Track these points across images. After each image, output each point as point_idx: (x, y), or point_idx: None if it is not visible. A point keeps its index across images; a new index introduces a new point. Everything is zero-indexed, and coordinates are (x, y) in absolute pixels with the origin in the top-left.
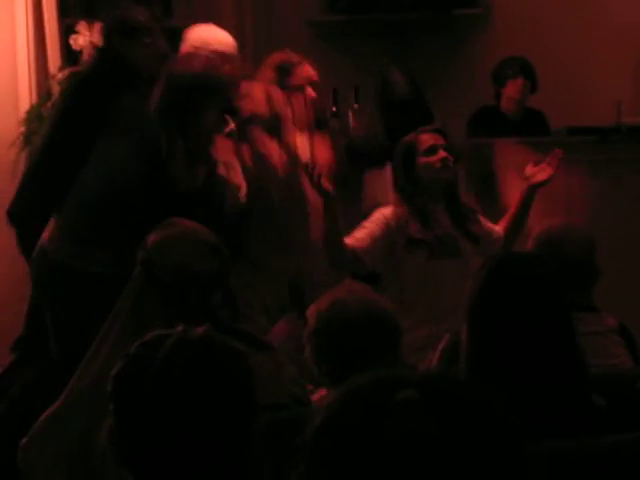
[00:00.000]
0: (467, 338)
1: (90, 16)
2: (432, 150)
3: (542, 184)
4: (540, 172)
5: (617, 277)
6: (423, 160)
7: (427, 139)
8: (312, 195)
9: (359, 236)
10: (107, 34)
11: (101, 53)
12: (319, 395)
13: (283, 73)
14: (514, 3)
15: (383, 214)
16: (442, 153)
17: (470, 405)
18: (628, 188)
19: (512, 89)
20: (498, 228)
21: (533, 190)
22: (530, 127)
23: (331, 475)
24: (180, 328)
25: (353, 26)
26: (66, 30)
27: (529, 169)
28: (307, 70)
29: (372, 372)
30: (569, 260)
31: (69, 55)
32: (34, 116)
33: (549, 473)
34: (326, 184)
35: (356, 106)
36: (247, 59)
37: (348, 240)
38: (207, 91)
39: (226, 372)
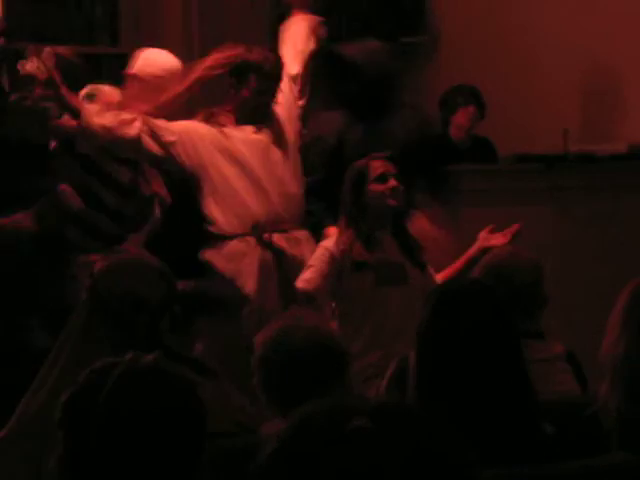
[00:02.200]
0: (416, 365)
1: (39, 41)
2: (382, 178)
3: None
4: (494, 238)
5: (564, 304)
6: (373, 187)
7: (378, 166)
8: None
9: (308, 277)
10: None
11: None
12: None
13: None
14: (460, 31)
15: (326, 248)
16: (392, 182)
17: (422, 434)
18: (575, 216)
19: (463, 117)
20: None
21: (483, 252)
22: (478, 155)
23: None
24: (129, 356)
25: None
26: (15, 55)
27: (483, 234)
28: None
29: (323, 400)
30: (516, 287)
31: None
32: None
33: None
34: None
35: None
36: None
37: (298, 284)
38: None
39: (176, 401)
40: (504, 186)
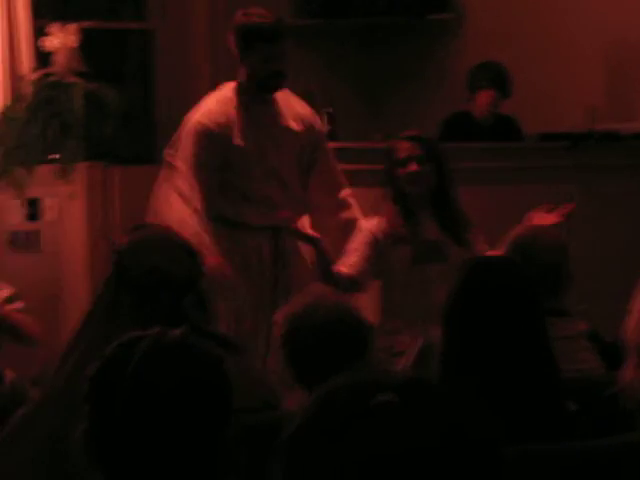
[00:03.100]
0: (442, 341)
1: (62, 18)
2: (404, 162)
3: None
4: (548, 217)
5: (588, 283)
6: (396, 171)
7: (404, 148)
8: None
9: (353, 262)
10: None
11: None
12: (293, 399)
13: None
14: (486, 9)
15: (369, 230)
16: (412, 167)
17: (448, 408)
18: (599, 194)
19: (483, 100)
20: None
21: None
22: (502, 132)
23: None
24: (156, 330)
25: (327, 30)
26: (38, 32)
27: (538, 212)
28: None
29: (347, 375)
30: (541, 265)
31: (41, 57)
32: (5, 117)
33: (522, 476)
34: (308, 231)
35: (330, 110)
36: (220, 64)
37: (344, 268)
38: None
39: (203, 375)
40: (529, 164)
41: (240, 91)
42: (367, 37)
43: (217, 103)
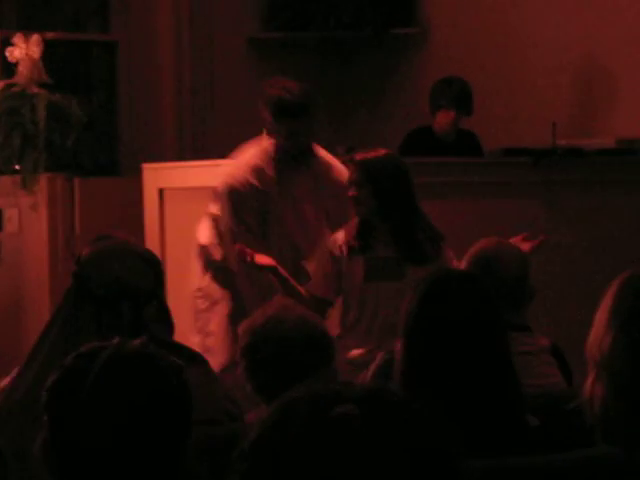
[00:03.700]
0: (402, 355)
1: (26, 28)
2: (349, 185)
3: None
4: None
5: (551, 298)
6: None
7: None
8: None
9: (315, 280)
10: None
11: None
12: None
13: None
14: (451, 23)
15: (326, 245)
16: (350, 191)
17: (407, 420)
18: (562, 210)
19: (443, 119)
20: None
21: None
22: (464, 148)
23: None
24: (116, 340)
25: (292, 43)
26: (2, 42)
27: (516, 240)
28: None
29: (307, 387)
30: (503, 278)
31: (5, 67)
32: None
33: None
34: (262, 260)
35: None
36: (185, 76)
37: (309, 288)
38: None
39: (163, 385)
40: (492, 179)
41: (272, 157)
42: (332, 51)
43: (253, 162)
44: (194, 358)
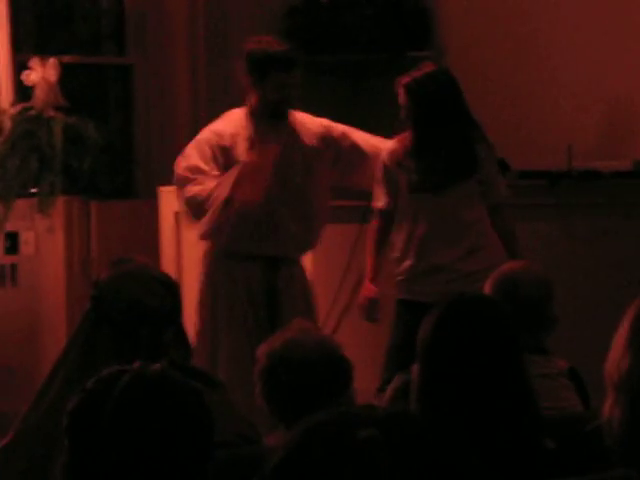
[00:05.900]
0: (419, 378)
1: (43, 52)
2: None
3: None
4: None
5: (567, 321)
6: None
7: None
8: None
9: (375, 194)
10: None
11: None
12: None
13: None
14: (465, 46)
15: (381, 158)
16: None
17: (429, 444)
18: (578, 233)
19: None
20: None
21: None
22: None
23: None
24: (136, 364)
25: (307, 66)
26: (18, 66)
27: None
28: None
29: (330, 410)
30: (523, 301)
31: (21, 91)
32: None
33: None
34: None
35: None
36: (201, 99)
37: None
38: None
39: (183, 409)
40: (507, 202)
41: (250, 114)
42: (348, 73)
43: (224, 123)
44: (211, 382)
